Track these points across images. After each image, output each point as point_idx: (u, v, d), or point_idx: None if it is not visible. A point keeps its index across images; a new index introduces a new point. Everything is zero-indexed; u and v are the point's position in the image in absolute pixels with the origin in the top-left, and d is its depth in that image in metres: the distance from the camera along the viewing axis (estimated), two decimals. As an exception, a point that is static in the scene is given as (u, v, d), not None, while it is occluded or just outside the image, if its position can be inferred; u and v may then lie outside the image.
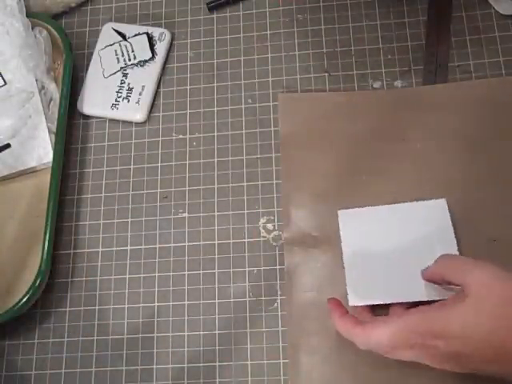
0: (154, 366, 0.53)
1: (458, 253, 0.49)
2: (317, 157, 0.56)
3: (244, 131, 0.59)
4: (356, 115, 0.57)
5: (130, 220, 0.58)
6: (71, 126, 0.62)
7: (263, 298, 0.54)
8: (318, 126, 0.57)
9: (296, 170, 0.56)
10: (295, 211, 0.55)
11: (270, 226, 0.56)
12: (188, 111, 0.61)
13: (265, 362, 0.52)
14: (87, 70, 0.63)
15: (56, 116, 0.60)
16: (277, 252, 0.55)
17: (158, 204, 0.58)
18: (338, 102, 0.58)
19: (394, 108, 0.57)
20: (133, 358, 0.54)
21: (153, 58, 0.62)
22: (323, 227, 0.54)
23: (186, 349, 0.53)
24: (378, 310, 0.49)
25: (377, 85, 0.59)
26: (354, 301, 0.50)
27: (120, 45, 0.63)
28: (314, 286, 0.53)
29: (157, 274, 0.56)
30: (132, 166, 0.60)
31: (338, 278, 0.52)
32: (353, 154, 0.56)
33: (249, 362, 0.52)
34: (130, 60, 0.62)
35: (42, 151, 0.59)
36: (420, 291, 0.48)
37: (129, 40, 0.63)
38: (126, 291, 0.56)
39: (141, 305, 0.55)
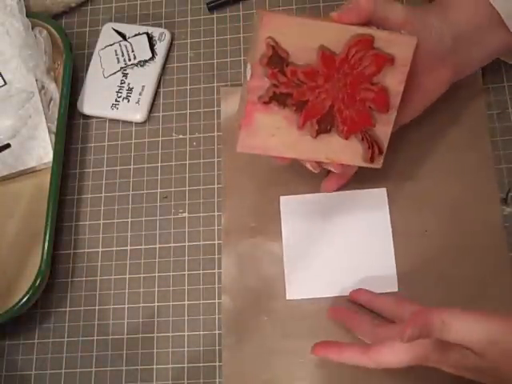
0: (154, 366, 0.53)
1: (391, 241, 0.52)
2: None
3: (244, 131, 0.59)
4: None
5: (129, 220, 0.58)
6: (71, 126, 0.62)
7: (263, 298, 0.54)
8: None
9: (236, 160, 0.57)
10: (234, 202, 0.56)
11: (270, 226, 0.56)
12: (188, 111, 0.61)
13: (265, 362, 0.52)
14: (87, 70, 0.63)
15: (56, 116, 0.60)
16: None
17: (158, 204, 0.58)
18: None
19: None
20: (133, 358, 0.54)
21: (153, 57, 0.62)
22: (262, 218, 0.55)
23: (185, 349, 0.53)
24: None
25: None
26: (292, 295, 0.52)
27: (120, 45, 0.63)
28: (252, 276, 0.54)
29: (157, 274, 0.56)
30: (132, 166, 0.60)
31: (274, 268, 0.53)
32: None
33: (249, 362, 0.52)
34: (130, 60, 0.62)
35: (42, 151, 0.59)
36: (358, 285, 0.51)
37: (129, 40, 0.63)
38: (126, 291, 0.56)
39: (141, 305, 0.55)
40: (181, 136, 0.60)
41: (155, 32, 0.63)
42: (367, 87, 0.45)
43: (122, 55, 0.63)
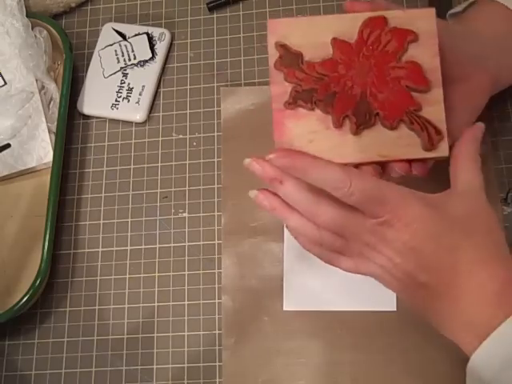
0: (154, 366, 0.53)
1: None
2: (256, 149, 0.57)
3: (244, 131, 0.59)
4: None
5: (129, 220, 0.58)
6: (71, 126, 0.62)
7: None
8: (258, 118, 0.58)
9: (236, 161, 0.57)
10: (234, 202, 0.56)
11: (270, 226, 0.56)
12: (188, 111, 0.61)
13: (265, 361, 0.52)
14: (87, 70, 0.63)
15: (56, 116, 0.60)
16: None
17: (158, 204, 0.58)
18: None
19: None
20: (133, 358, 0.54)
21: (153, 57, 0.62)
22: (262, 218, 0.55)
23: (186, 349, 0.53)
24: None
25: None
26: (289, 306, 0.52)
27: (120, 45, 0.63)
28: (252, 276, 0.54)
29: (157, 274, 0.56)
30: (132, 166, 0.60)
31: (274, 268, 0.53)
32: None
33: (249, 362, 0.52)
34: (129, 60, 0.62)
35: (41, 151, 0.59)
36: (356, 300, 0.51)
37: (129, 40, 0.63)
38: (126, 291, 0.56)
39: (141, 305, 0.55)
40: (181, 136, 0.60)
41: (155, 32, 0.63)
42: (395, 65, 0.40)
43: (122, 55, 0.63)
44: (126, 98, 0.61)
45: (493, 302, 0.37)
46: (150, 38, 0.63)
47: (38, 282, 0.53)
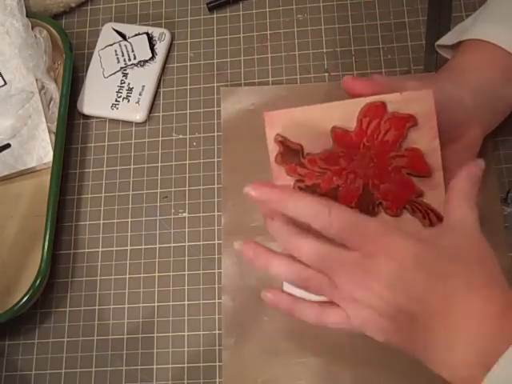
0: (154, 366, 0.53)
1: None
2: (256, 149, 0.57)
3: (244, 131, 0.59)
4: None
5: (129, 220, 0.58)
6: (71, 126, 0.62)
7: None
8: (258, 118, 0.57)
9: (236, 161, 0.57)
10: (234, 202, 0.56)
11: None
12: (188, 111, 0.61)
13: (265, 362, 0.52)
14: (87, 70, 0.63)
15: (56, 116, 0.60)
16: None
17: (158, 204, 0.58)
18: (279, 95, 0.58)
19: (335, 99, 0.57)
20: (133, 358, 0.54)
21: (153, 57, 0.62)
22: (262, 218, 0.54)
23: (186, 349, 0.53)
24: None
25: (377, 85, 0.58)
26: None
27: (120, 45, 0.63)
28: (252, 276, 0.54)
29: (157, 274, 0.56)
30: (132, 166, 0.60)
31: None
32: None
33: (249, 362, 0.52)
34: (129, 60, 0.62)
35: (41, 151, 0.59)
36: None
37: (129, 40, 0.63)
38: (126, 291, 0.56)
39: (141, 305, 0.55)
40: (181, 136, 0.60)
41: (155, 32, 0.63)
42: (396, 154, 0.41)
43: (122, 55, 0.63)
44: (126, 98, 0.61)
45: (495, 325, 0.34)
46: (150, 38, 0.63)
47: (38, 282, 0.53)
